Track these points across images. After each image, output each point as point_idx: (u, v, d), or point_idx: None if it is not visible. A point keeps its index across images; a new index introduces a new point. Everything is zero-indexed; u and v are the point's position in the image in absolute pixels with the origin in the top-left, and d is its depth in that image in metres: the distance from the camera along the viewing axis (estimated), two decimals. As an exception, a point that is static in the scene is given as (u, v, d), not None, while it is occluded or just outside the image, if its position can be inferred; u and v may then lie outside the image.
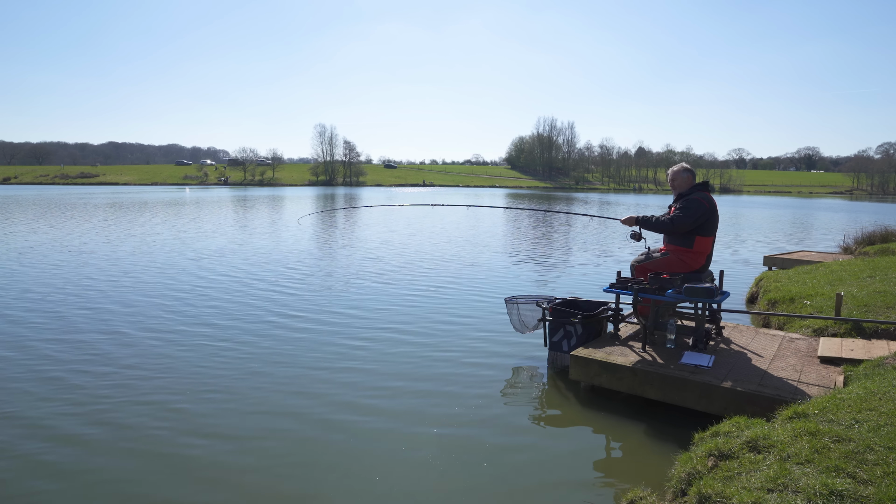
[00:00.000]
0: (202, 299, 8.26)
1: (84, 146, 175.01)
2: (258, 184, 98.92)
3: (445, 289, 9.19)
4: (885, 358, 4.16)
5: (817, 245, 16.78)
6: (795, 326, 5.89)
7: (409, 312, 7.57)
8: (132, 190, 67.04)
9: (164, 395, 4.67)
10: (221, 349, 5.90)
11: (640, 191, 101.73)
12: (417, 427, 4.12)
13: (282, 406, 4.48)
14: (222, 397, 4.63)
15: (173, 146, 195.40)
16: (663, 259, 5.20)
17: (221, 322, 6.99)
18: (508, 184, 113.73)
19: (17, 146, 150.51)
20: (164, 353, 5.74)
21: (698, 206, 5.04)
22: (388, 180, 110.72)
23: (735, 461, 2.77)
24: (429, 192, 72.88)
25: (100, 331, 6.55)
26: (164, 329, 6.65)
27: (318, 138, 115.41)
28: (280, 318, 7.23)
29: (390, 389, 4.84)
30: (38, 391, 4.71)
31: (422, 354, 5.78)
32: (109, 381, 4.95)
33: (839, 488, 2.33)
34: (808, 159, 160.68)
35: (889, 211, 41.47)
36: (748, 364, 4.49)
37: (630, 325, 5.67)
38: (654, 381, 4.33)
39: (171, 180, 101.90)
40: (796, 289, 7.28)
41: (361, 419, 4.26)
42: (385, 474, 3.48)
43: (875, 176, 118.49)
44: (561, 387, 4.93)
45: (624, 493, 3.14)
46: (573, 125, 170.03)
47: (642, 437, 4.00)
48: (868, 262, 9.11)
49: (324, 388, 4.87)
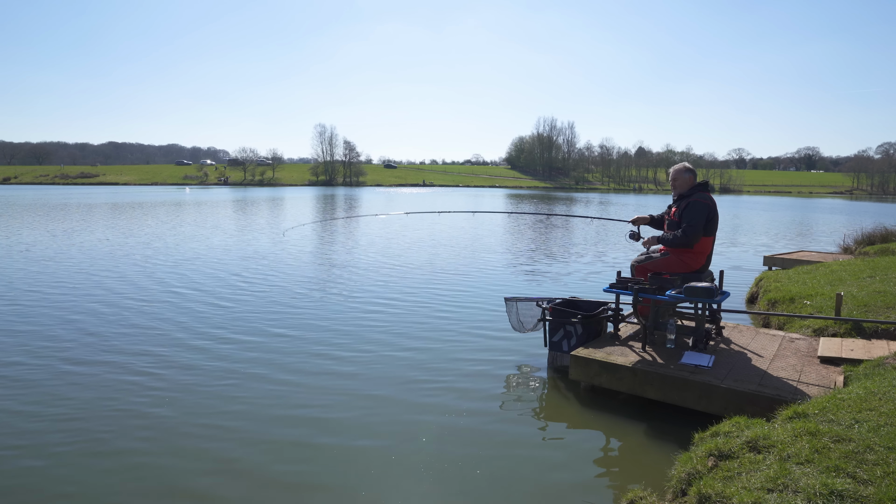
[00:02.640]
0: (203, 303, 8.26)
1: (84, 146, 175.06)
2: (258, 184, 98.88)
3: (445, 288, 9.19)
4: (885, 358, 4.16)
5: (817, 245, 16.78)
6: (795, 326, 5.89)
7: (408, 312, 7.56)
8: (132, 190, 67.00)
9: (150, 401, 4.67)
10: (218, 351, 5.90)
11: (640, 191, 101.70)
12: (416, 427, 4.12)
13: (275, 407, 4.47)
14: (220, 398, 4.63)
15: (173, 146, 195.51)
16: (663, 259, 5.19)
17: (220, 323, 7.00)
18: (508, 184, 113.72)
19: (17, 146, 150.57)
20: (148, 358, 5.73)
21: (702, 209, 5.02)
22: (388, 180, 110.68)
23: (735, 461, 2.77)
24: (429, 192, 72.87)
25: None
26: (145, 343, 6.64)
27: (318, 138, 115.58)
28: (277, 317, 7.22)
29: (389, 389, 4.83)
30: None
31: (421, 354, 5.78)
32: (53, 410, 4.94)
33: (839, 488, 2.33)
34: (808, 159, 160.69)
35: (889, 211, 41.46)
36: (748, 364, 4.49)
37: (630, 325, 5.67)
38: (654, 381, 4.33)
39: (171, 180, 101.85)
40: (796, 289, 7.28)
41: (359, 419, 4.25)
42: (384, 474, 3.48)
43: (875, 176, 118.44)
44: (561, 387, 4.93)
45: (624, 493, 3.14)
46: (573, 125, 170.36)
47: (642, 437, 4.00)
48: (868, 262, 9.11)
49: (320, 387, 4.87)
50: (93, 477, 3.43)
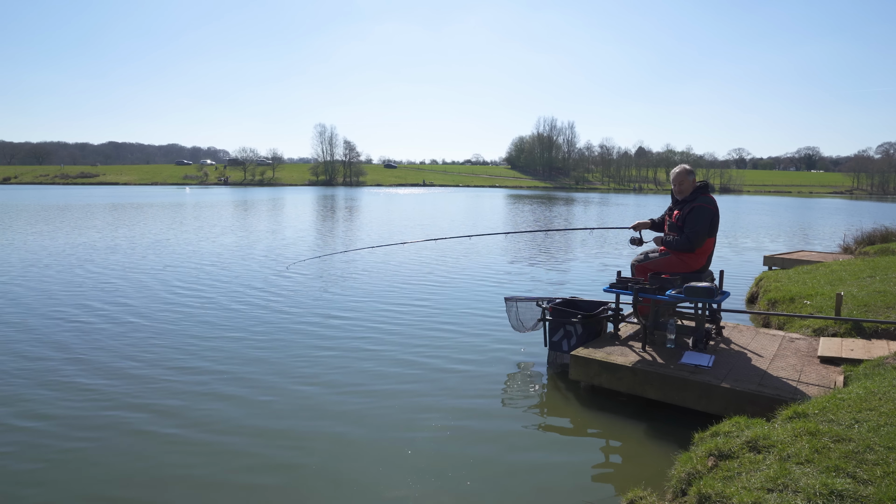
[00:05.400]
0: (199, 299, 8.26)
1: (84, 146, 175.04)
2: (258, 184, 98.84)
3: (445, 287, 9.19)
4: (885, 358, 4.16)
5: (817, 245, 16.78)
6: (795, 326, 5.89)
7: (407, 312, 7.56)
8: (132, 190, 66.99)
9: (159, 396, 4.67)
10: (214, 349, 5.90)
11: (641, 191, 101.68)
12: (415, 427, 4.12)
13: (273, 405, 4.47)
14: (216, 400, 4.63)
15: (173, 146, 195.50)
16: (664, 259, 5.19)
17: (216, 323, 7.00)
18: (508, 184, 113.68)
19: (17, 146, 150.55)
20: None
21: (706, 214, 5.00)
22: (388, 180, 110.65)
23: (735, 461, 2.77)
24: (429, 191, 72.85)
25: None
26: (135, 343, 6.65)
27: (318, 138, 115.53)
28: (275, 316, 7.22)
29: (388, 388, 4.83)
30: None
31: (421, 354, 5.78)
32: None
33: (839, 488, 2.33)
34: (808, 159, 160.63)
35: (889, 211, 41.45)
36: (748, 364, 4.49)
37: (630, 325, 5.67)
38: (654, 381, 4.33)
39: (171, 180, 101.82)
40: (796, 289, 7.27)
41: (358, 419, 4.25)
42: (384, 474, 3.48)
43: (875, 176, 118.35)
44: (561, 387, 4.93)
45: (624, 493, 3.14)
46: (573, 125, 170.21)
47: (642, 437, 4.00)
48: (868, 262, 9.11)
49: (319, 387, 4.87)
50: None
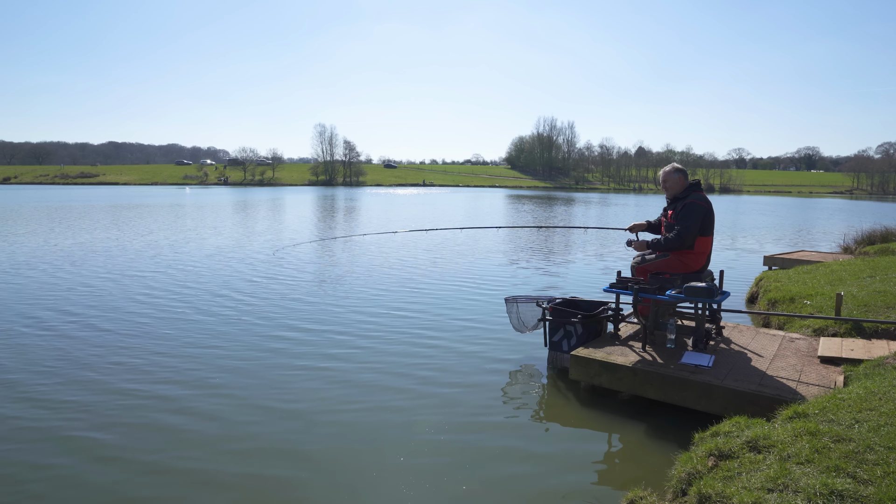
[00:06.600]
0: (199, 298, 8.26)
1: (84, 146, 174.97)
2: (258, 184, 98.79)
3: (444, 288, 9.19)
4: (886, 358, 4.16)
5: (817, 245, 16.77)
6: (795, 326, 5.89)
7: (407, 312, 7.56)
8: (132, 191, 66.97)
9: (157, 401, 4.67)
10: (215, 349, 5.90)
11: (640, 191, 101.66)
12: (415, 427, 4.12)
13: (273, 408, 4.47)
14: (215, 401, 4.63)
15: (173, 146, 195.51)
16: (663, 259, 5.19)
17: (214, 319, 7.00)
18: (508, 184, 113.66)
19: (17, 146, 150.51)
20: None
21: (698, 210, 5.01)
22: (388, 180, 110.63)
23: (735, 461, 2.77)
24: (429, 192, 72.85)
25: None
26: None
27: (318, 138, 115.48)
28: (275, 318, 7.22)
29: (388, 389, 4.83)
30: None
31: (420, 354, 5.78)
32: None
33: (839, 488, 2.33)
34: (808, 159, 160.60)
35: (889, 211, 41.44)
36: (748, 364, 4.49)
37: (630, 325, 5.67)
38: (654, 381, 4.33)
39: (171, 180, 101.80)
40: (796, 289, 7.27)
41: (357, 419, 4.25)
42: (383, 474, 3.48)
43: (875, 176, 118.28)
44: (561, 387, 4.93)
45: (624, 493, 3.14)
46: (573, 125, 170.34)
47: (642, 437, 4.00)
48: (868, 262, 9.11)
49: (318, 387, 4.87)
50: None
